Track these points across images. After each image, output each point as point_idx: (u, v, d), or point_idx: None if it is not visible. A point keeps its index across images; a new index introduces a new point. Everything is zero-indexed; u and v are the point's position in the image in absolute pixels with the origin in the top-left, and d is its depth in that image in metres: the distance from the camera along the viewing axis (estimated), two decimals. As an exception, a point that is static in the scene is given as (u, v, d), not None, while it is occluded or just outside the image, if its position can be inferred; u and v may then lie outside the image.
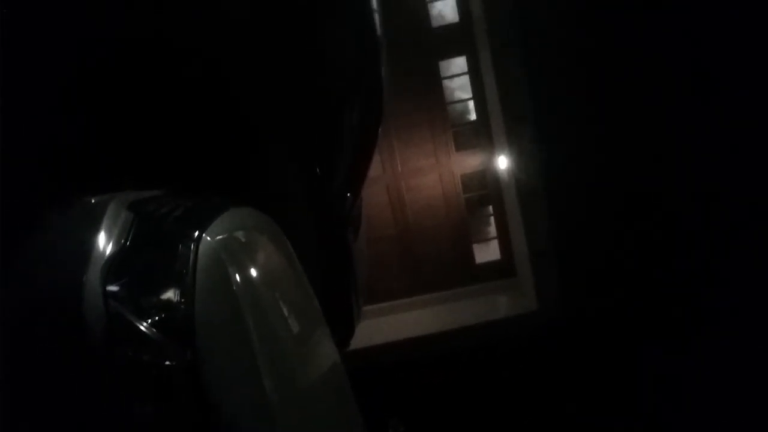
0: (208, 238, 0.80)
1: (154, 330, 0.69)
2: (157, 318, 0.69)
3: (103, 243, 0.77)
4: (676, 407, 3.08)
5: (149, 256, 0.78)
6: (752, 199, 3.08)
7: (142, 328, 0.68)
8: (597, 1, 3.19)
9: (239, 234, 0.89)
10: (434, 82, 3.93)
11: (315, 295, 1.17)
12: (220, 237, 0.83)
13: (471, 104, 4.02)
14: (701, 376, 3.00)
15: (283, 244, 1.02)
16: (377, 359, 3.27)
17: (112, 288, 0.72)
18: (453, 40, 3.92)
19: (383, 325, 3.75)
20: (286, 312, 0.94)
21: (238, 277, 0.81)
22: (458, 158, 3.98)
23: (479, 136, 4.00)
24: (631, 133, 3.26)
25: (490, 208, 4.12)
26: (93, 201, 0.84)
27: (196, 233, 0.79)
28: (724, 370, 2.97)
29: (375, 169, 3.90)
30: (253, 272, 0.86)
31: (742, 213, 3.09)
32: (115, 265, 0.74)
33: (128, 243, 0.78)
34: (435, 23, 3.95)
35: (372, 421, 1.32)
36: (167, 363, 0.67)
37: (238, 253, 0.86)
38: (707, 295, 3.09)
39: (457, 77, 4.02)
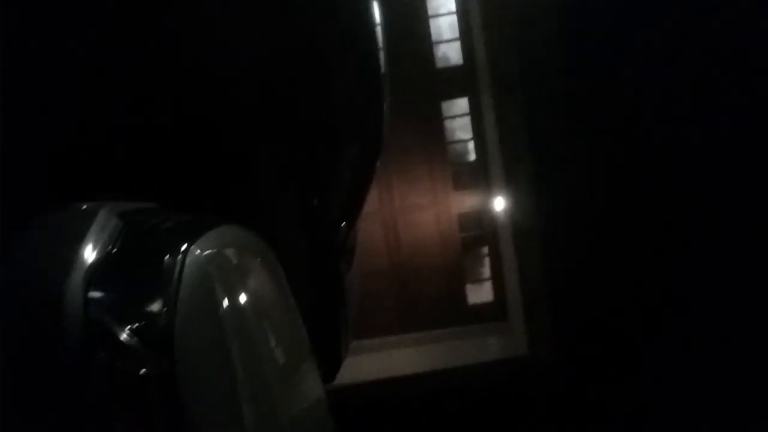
0: (197, 251, 0.78)
1: (132, 338, 0.67)
2: (136, 326, 0.68)
3: (90, 249, 0.76)
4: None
5: (135, 264, 0.77)
6: (747, 244, 3.07)
7: (121, 335, 0.67)
8: (596, 47, 3.25)
9: (229, 251, 0.88)
10: (436, 122, 3.98)
11: (303, 324, 1.15)
12: (209, 251, 0.81)
13: (471, 144, 4.05)
14: (702, 419, 2.93)
15: (275, 268, 1.01)
16: (362, 396, 3.21)
17: (94, 294, 0.71)
18: (456, 81, 3.98)
19: (370, 362, 3.69)
20: (271, 339, 0.92)
21: (223, 293, 0.80)
22: (456, 197, 3.99)
23: (478, 177, 4.02)
24: (628, 177, 3.28)
25: (485, 249, 4.11)
26: (83, 207, 0.83)
27: (185, 245, 0.78)
28: (723, 413, 2.91)
29: (372, 203, 3.90)
30: (241, 292, 0.84)
31: (741, 256, 3.08)
32: (98, 272, 0.73)
33: (114, 251, 0.77)
34: (439, 65, 4.02)
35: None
36: (143, 372, 0.66)
37: (225, 269, 0.84)
38: (706, 337, 3.05)
39: (458, 117, 4.06)
